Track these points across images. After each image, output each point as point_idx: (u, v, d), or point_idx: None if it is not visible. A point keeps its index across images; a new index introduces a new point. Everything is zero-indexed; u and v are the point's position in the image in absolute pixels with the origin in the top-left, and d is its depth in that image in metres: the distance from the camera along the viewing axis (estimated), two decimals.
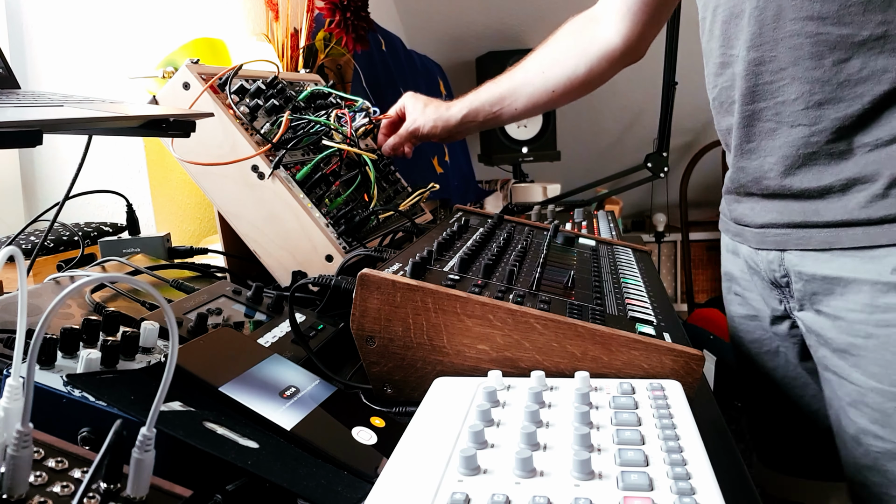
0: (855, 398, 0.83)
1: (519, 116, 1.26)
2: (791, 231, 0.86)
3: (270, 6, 1.62)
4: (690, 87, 2.10)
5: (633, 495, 0.40)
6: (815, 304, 0.86)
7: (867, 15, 0.75)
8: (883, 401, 0.80)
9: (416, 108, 1.27)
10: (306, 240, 0.98)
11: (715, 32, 0.90)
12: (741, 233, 0.96)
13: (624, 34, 1.14)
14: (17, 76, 0.83)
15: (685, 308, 4.05)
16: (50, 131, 0.63)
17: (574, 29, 1.20)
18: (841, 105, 0.79)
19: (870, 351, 0.80)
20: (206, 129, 0.94)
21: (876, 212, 0.78)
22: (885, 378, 0.79)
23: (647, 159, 2.27)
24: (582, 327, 0.62)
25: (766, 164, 0.86)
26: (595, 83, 1.20)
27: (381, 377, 0.68)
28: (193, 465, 0.47)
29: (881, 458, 0.82)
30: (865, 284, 0.80)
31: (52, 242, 1.08)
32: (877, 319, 0.79)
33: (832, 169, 0.81)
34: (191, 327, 0.72)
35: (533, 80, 1.21)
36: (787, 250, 0.88)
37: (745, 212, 0.93)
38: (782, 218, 0.87)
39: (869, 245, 0.79)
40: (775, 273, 0.91)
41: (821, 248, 0.83)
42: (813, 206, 0.83)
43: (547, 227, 1.02)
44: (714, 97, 0.94)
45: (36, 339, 0.33)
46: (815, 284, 0.85)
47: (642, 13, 1.12)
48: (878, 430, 0.81)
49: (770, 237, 0.89)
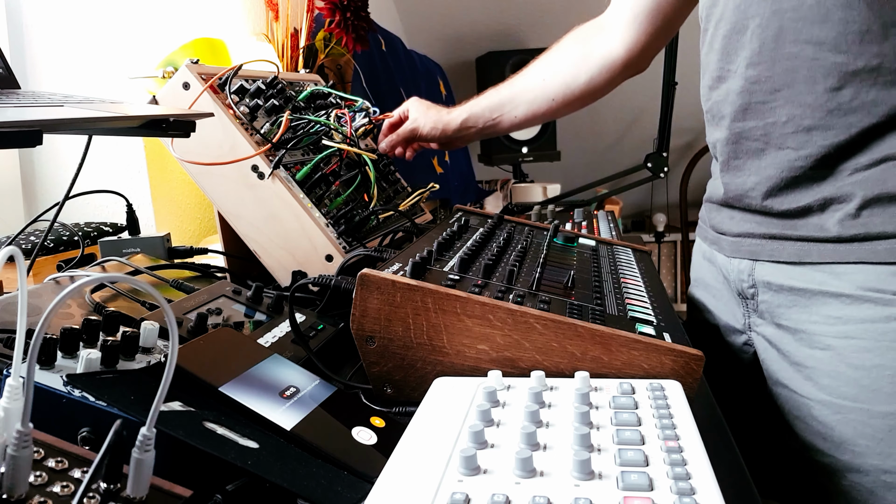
0: (802, 412, 0.83)
1: (518, 125, 1.24)
2: (765, 242, 0.87)
3: (270, 6, 1.62)
4: (690, 87, 2.10)
5: (633, 495, 0.40)
6: (776, 318, 0.87)
7: (863, 45, 0.75)
8: (828, 413, 0.80)
9: (419, 110, 1.27)
10: (306, 240, 0.98)
11: (715, 45, 0.89)
12: (718, 241, 0.96)
13: (627, 45, 1.12)
14: (17, 76, 0.83)
15: (685, 308, 4.04)
16: (50, 131, 0.63)
17: (578, 37, 1.19)
18: (829, 133, 0.79)
19: (825, 363, 0.80)
20: (206, 129, 0.94)
21: (847, 230, 0.79)
22: (834, 391, 0.79)
23: (647, 159, 2.27)
24: (582, 327, 0.62)
25: (749, 183, 0.87)
26: (595, 94, 1.18)
27: (381, 377, 0.68)
28: (193, 465, 0.47)
29: (819, 475, 0.82)
30: (830, 297, 0.80)
31: (52, 242, 1.08)
32: (837, 331, 0.80)
33: (812, 191, 0.81)
34: (191, 327, 0.72)
35: (533, 88, 1.20)
36: (759, 260, 0.88)
37: (723, 220, 0.94)
38: (759, 229, 0.87)
39: (838, 261, 0.80)
40: (743, 283, 0.91)
41: (792, 262, 0.84)
42: (791, 223, 0.84)
43: (547, 227, 1.02)
44: (707, 109, 0.94)
45: (36, 339, 0.33)
46: (781, 296, 0.86)
47: (649, 24, 1.11)
48: (820, 444, 0.81)
49: (745, 246, 0.90)
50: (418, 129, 1.25)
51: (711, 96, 0.92)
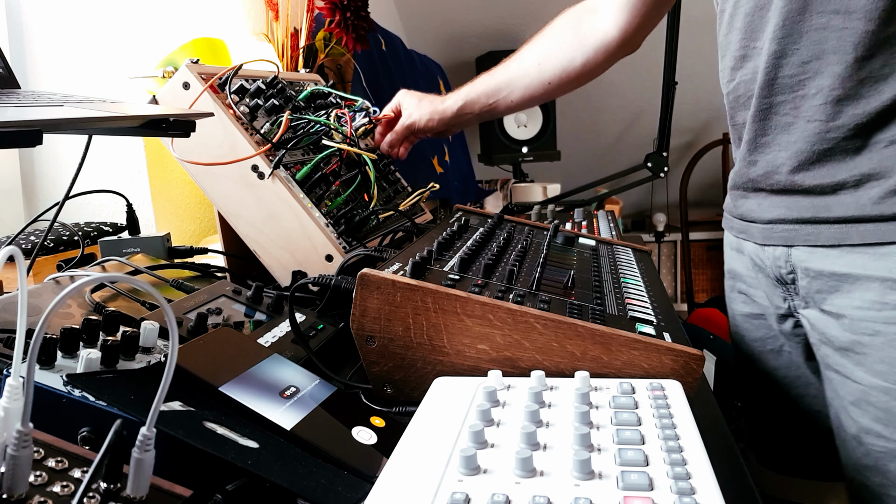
0: (858, 397, 0.83)
1: (514, 108, 1.25)
2: (800, 227, 0.86)
3: (270, 6, 1.62)
4: (690, 87, 2.10)
5: (633, 495, 0.40)
6: (819, 303, 0.86)
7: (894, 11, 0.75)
8: (888, 399, 0.80)
9: (412, 104, 1.26)
10: (306, 240, 0.98)
11: (736, 24, 0.89)
12: (746, 229, 0.95)
13: (621, 26, 1.13)
14: (17, 76, 0.83)
15: (685, 308, 4.05)
16: (50, 131, 0.63)
17: (571, 20, 1.19)
18: (861, 102, 0.78)
19: (875, 349, 0.80)
20: (206, 129, 0.94)
21: (889, 208, 0.78)
22: (890, 376, 0.79)
23: (647, 159, 2.27)
24: (582, 327, 0.62)
25: (779, 159, 0.86)
26: (591, 75, 1.19)
27: (381, 377, 0.68)
28: (193, 465, 0.47)
29: (883, 458, 0.81)
30: (874, 281, 0.79)
31: (52, 242, 1.08)
32: (885, 316, 0.79)
33: (846, 164, 0.80)
34: (191, 327, 0.72)
35: (529, 72, 1.20)
36: (794, 246, 0.87)
37: (752, 207, 0.93)
38: (791, 213, 0.86)
39: (879, 241, 0.79)
40: (781, 270, 0.90)
41: (830, 245, 0.83)
42: (823, 202, 0.83)
43: (547, 226, 1.02)
44: (730, 91, 0.93)
45: (36, 339, 0.33)
46: (821, 282, 0.85)
47: (642, 5, 1.11)
48: (882, 430, 0.81)
49: (777, 233, 0.89)
50: (415, 122, 1.25)
51: (735, 76, 0.91)
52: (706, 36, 1.90)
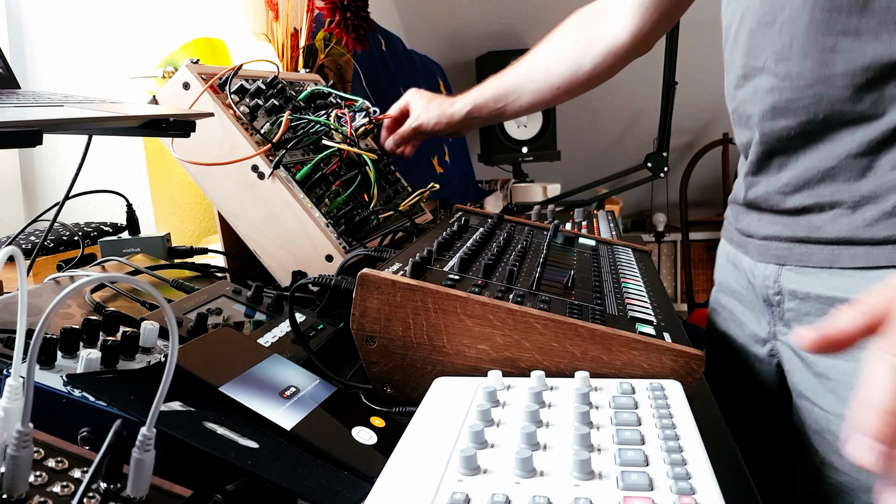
0: (822, 426, 0.80)
1: (523, 112, 1.25)
2: (793, 246, 0.83)
3: (270, 6, 1.62)
4: (690, 87, 2.10)
5: (633, 495, 0.40)
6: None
7: None
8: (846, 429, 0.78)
9: (420, 105, 1.26)
10: (306, 240, 0.98)
11: (740, 41, 0.85)
12: (744, 244, 0.93)
13: (632, 30, 1.11)
14: (17, 76, 0.83)
15: (685, 308, 4.05)
16: (50, 131, 0.63)
17: (580, 22, 1.17)
18: (869, 127, 0.75)
19: (849, 375, 0.77)
20: (206, 129, 0.94)
21: (880, 231, 0.75)
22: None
23: (647, 159, 2.27)
24: (582, 327, 0.62)
25: (783, 180, 0.83)
26: (600, 79, 1.18)
27: (381, 377, 0.68)
28: (193, 465, 0.47)
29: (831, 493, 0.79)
30: None
31: (52, 242, 1.08)
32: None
33: (849, 187, 0.77)
34: (191, 327, 0.72)
35: (537, 77, 1.19)
36: (786, 266, 0.85)
37: (750, 222, 0.90)
38: (785, 232, 0.84)
39: (869, 266, 0.76)
40: (769, 290, 0.88)
41: (822, 266, 0.80)
42: (817, 222, 0.80)
43: (547, 227, 1.02)
44: (733, 110, 0.90)
45: (36, 339, 0.33)
46: (808, 304, 0.82)
47: (655, 10, 1.08)
48: (836, 461, 0.78)
49: (771, 250, 0.86)
50: (422, 125, 1.25)
51: (737, 96, 0.87)
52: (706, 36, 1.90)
